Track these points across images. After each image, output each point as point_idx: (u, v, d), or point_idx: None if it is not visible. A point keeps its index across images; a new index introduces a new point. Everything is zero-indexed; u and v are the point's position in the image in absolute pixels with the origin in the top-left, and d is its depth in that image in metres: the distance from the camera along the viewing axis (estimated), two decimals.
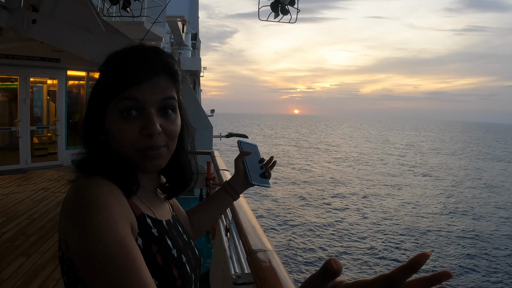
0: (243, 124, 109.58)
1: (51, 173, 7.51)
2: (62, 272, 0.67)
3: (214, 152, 4.31)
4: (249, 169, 1.02)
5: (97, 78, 0.73)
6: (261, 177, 1.05)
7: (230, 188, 1.06)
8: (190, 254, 0.80)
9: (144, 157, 0.70)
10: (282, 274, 1.06)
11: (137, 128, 0.68)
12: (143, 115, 0.69)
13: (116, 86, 0.68)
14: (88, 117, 0.73)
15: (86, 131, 0.73)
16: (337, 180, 22.62)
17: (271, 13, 6.17)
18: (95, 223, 0.57)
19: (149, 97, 0.69)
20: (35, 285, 2.98)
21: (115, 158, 0.70)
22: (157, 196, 0.84)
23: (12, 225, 4.35)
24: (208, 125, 7.46)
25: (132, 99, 0.68)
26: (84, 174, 0.69)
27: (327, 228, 13.23)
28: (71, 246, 0.59)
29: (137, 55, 0.70)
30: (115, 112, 0.68)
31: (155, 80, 0.70)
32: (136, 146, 0.69)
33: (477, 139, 71.37)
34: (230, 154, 32.28)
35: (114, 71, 0.69)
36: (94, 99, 0.72)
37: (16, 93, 7.76)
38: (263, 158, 1.09)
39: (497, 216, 15.41)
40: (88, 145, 0.72)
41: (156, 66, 0.70)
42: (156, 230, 0.72)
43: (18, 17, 4.52)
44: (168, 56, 0.73)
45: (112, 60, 0.71)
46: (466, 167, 30.28)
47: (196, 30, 15.65)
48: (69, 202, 0.62)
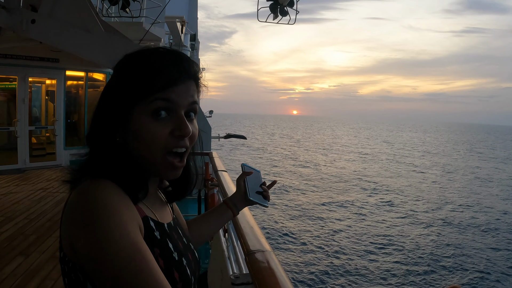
0: (244, 125, 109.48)
1: (49, 173, 7.51)
2: (63, 274, 0.67)
3: (213, 153, 4.31)
4: (249, 188, 1.09)
5: (116, 77, 0.72)
6: (260, 196, 1.12)
7: (231, 203, 1.10)
8: (190, 256, 0.80)
9: (169, 164, 0.71)
10: (280, 275, 1.07)
11: (168, 129, 0.69)
12: (173, 116, 0.69)
13: (151, 86, 0.67)
14: (105, 117, 0.71)
15: (99, 132, 0.71)
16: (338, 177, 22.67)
17: (270, 14, 6.18)
18: (107, 228, 0.57)
19: (182, 100, 0.70)
20: (33, 284, 2.98)
21: (130, 161, 0.69)
22: (158, 198, 0.84)
23: (10, 225, 4.35)
24: (206, 126, 7.46)
25: (167, 100, 0.68)
26: (88, 176, 0.68)
27: (324, 228, 13.24)
28: (81, 251, 0.59)
29: (171, 58, 0.71)
30: (146, 112, 0.68)
31: (187, 84, 0.71)
32: (166, 146, 0.69)
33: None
34: (229, 155, 32.33)
35: (148, 71, 0.68)
36: (115, 98, 0.70)
37: (14, 93, 7.75)
38: (265, 182, 1.16)
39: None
40: (99, 146, 0.71)
41: (188, 71, 0.72)
42: (158, 233, 0.72)
43: (17, 17, 4.51)
44: (195, 63, 0.75)
45: (141, 60, 0.70)
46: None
47: (195, 31, 15.65)
48: (76, 207, 0.61)
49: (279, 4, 6.09)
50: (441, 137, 77.09)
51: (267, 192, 1.13)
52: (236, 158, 32.11)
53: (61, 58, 8.01)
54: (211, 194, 3.75)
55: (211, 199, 3.74)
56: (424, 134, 72.26)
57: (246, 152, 38.01)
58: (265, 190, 1.13)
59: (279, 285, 1.02)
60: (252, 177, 1.13)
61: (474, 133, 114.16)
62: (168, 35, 11.01)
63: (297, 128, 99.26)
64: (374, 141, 58.49)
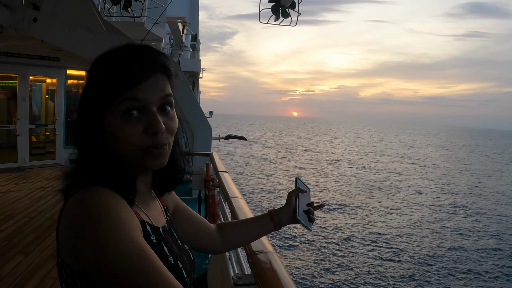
0: (246, 125, 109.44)
1: (49, 172, 7.49)
2: (61, 279, 0.67)
3: (213, 154, 4.31)
4: (299, 206, 1.04)
5: (87, 81, 0.71)
6: (306, 217, 1.06)
7: (276, 217, 1.05)
8: (185, 259, 0.80)
9: (149, 156, 0.69)
10: (283, 275, 1.07)
11: (141, 128, 0.68)
12: (145, 114, 0.68)
13: (116, 88, 0.66)
14: (83, 121, 0.70)
15: (81, 135, 0.71)
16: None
17: (272, 16, 6.19)
18: (110, 235, 0.56)
19: (150, 96, 0.68)
20: (32, 283, 2.97)
21: (113, 162, 0.69)
22: (152, 199, 0.83)
23: (9, 223, 4.34)
24: (207, 127, 7.46)
25: (134, 99, 0.67)
26: (81, 183, 0.67)
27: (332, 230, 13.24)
28: (85, 260, 0.59)
29: (133, 55, 0.69)
30: (116, 114, 0.67)
31: (153, 79, 0.69)
32: (141, 145, 0.68)
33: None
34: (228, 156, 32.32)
35: (112, 73, 0.67)
36: (88, 102, 0.69)
37: (15, 91, 7.75)
38: (313, 202, 1.10)
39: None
40: (84, 150, 0.71)
41: (152, 65, 0.69)
42: (154, 237, 0.72)
43: (19, 15, 4.52)
44: (161, 54, 0.73)
45: (106, 62, 0.69)
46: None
47: (196, 31, 15.66)
48: (75, 216, 0.61)
49: (281, 6, 6.10)
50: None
51: (313, 214, 1.07)
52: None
53: (62, 57, 8.00)
54: (212, 195, 3.75)
55: (212, 200, 3.74)
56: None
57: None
58: (311, 212, 1.07)
59: (282, 285, 1.02)
60: (304, 195, 1.07)
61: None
62: (169, 35, 11.03)
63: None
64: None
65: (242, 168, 27.57)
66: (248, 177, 23.63)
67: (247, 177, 23.60)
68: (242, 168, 27.59)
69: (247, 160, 32.30)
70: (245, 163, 30.26)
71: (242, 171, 25.87)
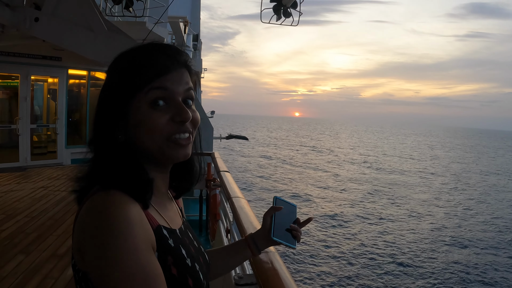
0: (246, 125, 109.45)
1: (51, 172, 7.51)
2: (75, 281, 0.67)
3: (215, 153, 4.31)
4: (275, 225, 0.96)
5: (110, 78, 0.72)
6: (288, 235, 0.97)
7: (252, 241, 1.00)
8: (201, 260, 0.79)
9: (174, 146, 0.70)
10: (284, 275, 1.07)
11: (168, 116, 0.69)
12: (171, 104, 0.70)
13: (145, 76, 0.68)
14: (104, 116, 0.71)
15: (100, 133, 0.71)
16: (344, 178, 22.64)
17: (273, 16, 6.18)
18: (118, 250, 0.56)
19: (177, 87, 0.71)
20: (33, 283, 2.97)
21: (133, 162, 0.69)
22: (168, 200, 0.82)
23: (11, 223, 4.34)
24: (208, 126, 7.46)
25: (162, 88, 0.69)
26: (98, 186, 0.67)
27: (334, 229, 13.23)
28: (88, 262, 0.59)
29: (159, 49, 0.72)
30: (143, 103, 0.68)
31: (179, 72, 0.72)
32: (168, 133, 0.69)
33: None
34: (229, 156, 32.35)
35: (140, 62, 0.69)
36: (113, 94, 0.70)
37: (16, 91, 7.77)
38: (299, 219, 1.02)
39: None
40: (102, 148, 0.70)
41: (178, 59, 0.73)
42: (172, 241, 0.71)
43: (20, 15, 4.52)
44: (184, 52, 0.76)
45: (134, 54, 0.71)
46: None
47: (197, 31, 15.66)
48: (88, 223, 0.61)
49: (283, 6, 6.09)
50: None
51: (298, 231, 0.99)
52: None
53: (64, 56, 8.02)
54: (213, 195, 3.75)
55: (213, 199, 3.74)
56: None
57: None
58: (294, 229, 0.99)
59: (283, 285, 1.02)
60: (283, 212, 0.98)
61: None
62: (171, 35, 11.02)
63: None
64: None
65: (243, 168, 27.58)
66: (250, 177, 23.64)
67: (248, 177, 23.60)
68: (243, 168, 27.61)
69: (249, 159, 32.31)
70: (246, 162, 30.28)
71: (242, 171, 25.87)
